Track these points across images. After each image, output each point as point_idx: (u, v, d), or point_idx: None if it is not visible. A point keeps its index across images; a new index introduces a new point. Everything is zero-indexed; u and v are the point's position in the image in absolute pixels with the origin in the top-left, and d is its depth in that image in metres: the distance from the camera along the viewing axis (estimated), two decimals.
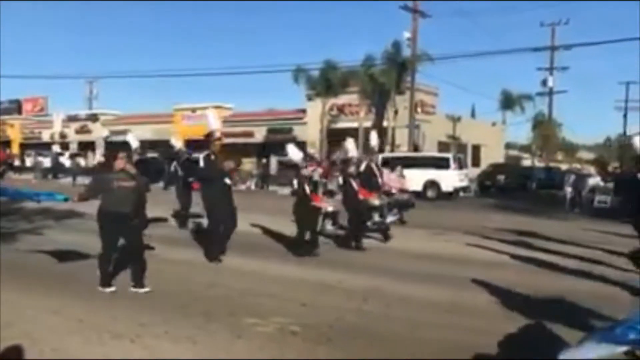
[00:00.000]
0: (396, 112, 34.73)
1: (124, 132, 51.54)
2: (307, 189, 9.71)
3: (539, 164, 41.06)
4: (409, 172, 23.15)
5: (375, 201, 11.07)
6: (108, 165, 10.51)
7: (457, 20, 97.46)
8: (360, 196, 10.49)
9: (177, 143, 14.56)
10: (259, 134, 42.67)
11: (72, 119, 54.79)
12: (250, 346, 5.02)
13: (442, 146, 36.39)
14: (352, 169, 10.76)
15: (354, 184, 10.48)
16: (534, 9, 59.48)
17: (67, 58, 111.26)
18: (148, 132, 50.25)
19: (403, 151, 31.19)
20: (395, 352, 4.95)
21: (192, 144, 44.78)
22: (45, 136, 55.37)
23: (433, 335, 5.43)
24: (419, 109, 34.42)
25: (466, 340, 5.26)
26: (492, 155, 40.67)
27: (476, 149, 41.56)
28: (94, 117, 54.37)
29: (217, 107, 47.17)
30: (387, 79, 33.20)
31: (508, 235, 12.40)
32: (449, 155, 26.59)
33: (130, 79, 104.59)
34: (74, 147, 51.69)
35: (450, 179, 24.33)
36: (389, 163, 19.18)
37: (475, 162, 38.59)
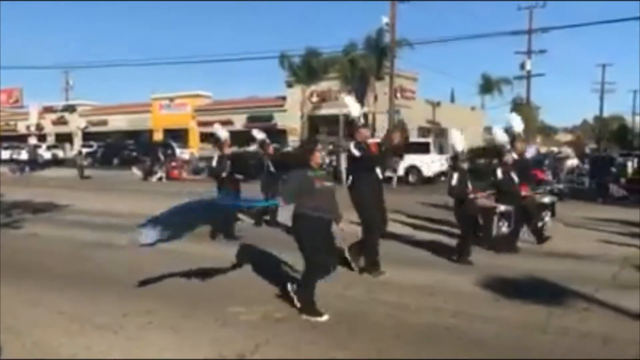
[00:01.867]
0: (376, 97, 34.76)
1: (102, 123, 51.09)
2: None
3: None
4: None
5: (546, 198, 9.88)
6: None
7: (435, 4, 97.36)
8: (523, 192, 9.03)
9: (260, 134, 12.52)
10: (239, 123, 42.45)
11: (48, 110, 53.97)
12: (234, 334, 5.01)
13: (423, 131, 36.54)
14: (509, 159, 8.92)
15: (515, 178, 8.89)
16: None
17: (42, 48, 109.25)
18: (124, 122, 49.76)
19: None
20: (379, 336, 4.98)
21: (170, 133, 44.71)
22: (21, 128, 54.50)
23: (416, 319, 5.46)
24: (398, 95, 34.47)
25: (449, 322, 5.31)
26: (472, 139, 40.91)
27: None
28: (71, 108, 53.60)
29: (196, 96, 46.98)
30: (368, 64, 33.19)
31: None
32: (429, 140, 26.69)
33: (106, 68, 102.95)
34: (51, 139, 50.96)
35: (431, 164, 24.45)
36: None
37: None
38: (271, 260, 7.75)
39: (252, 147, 13.01)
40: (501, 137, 9.35)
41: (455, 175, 8.12)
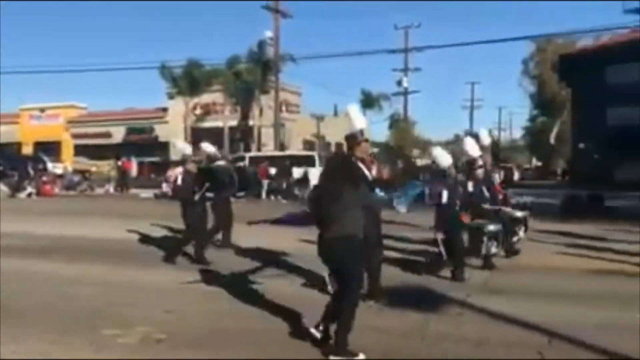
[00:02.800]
0: (261, 111, 34.82)
1: None
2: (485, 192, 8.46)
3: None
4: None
5: (518, 213, 9.53)
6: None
7: (319, 21, 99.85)
8: (497, 207, 8.90)
9: (210, 147, 11.18)
10: (118, 135, 40.60)
11: None
12: (113, 359, 4.71)
13: (308, 144, 37.09)
14: (480, 172, 8.68)
15: (486, 193, 8.75)
16: (390, 12, 62.51)
17: None
18: None
19: (270, 150, 31.34)
20: (266, 351, 4.91)
21: (41, 146, 41.82)
22: None
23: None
24: (283, 108, 34.77)
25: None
26: None
27: (339, 146, 42.77)
28: None
29: (69, 107, 44.38)
30: (252, 77, 33.19)
31: None
32: (314, 153, 27.18)
33: None
34: None
35: (316, 176, 24.87)
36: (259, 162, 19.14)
37: None
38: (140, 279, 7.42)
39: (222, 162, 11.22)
40: (472, 149, 8.95)
41: (445, 193, 7.87)
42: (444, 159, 8.06)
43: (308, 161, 25.19)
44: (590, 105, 26.30)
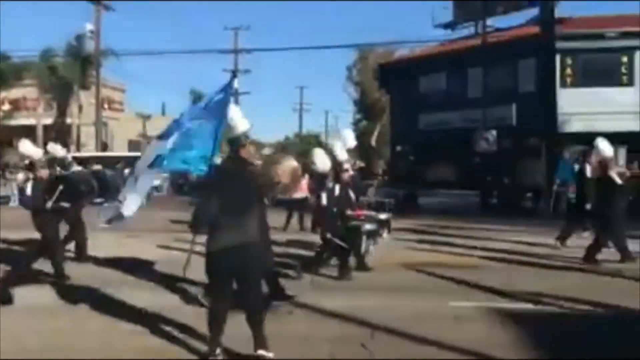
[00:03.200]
0: (81, 108, 32.45)
1: None
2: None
3: None
4: None
5: (382, 215, 9.30)
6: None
7: (147, 18, 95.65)
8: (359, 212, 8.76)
9: (61, 151, 9.62)
10: None
11: None
12: None
13: (134, 145, 35.34)
14: (346, 176, 8.34)
15: (353, 196, 8.53)
16: (218, 13, 61.96)
17: None
18: None
19: (90, 150, 29.29)
20: None
21: None
22: None
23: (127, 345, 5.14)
24: (106, 106, 32.74)
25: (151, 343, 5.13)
26: None
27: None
28: None
29: None
30: (70, 72, 30.78)
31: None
32: (140, 153, 25.93)
33: None
34: None
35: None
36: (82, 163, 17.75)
37: None
38: None
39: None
40: (340, 152, 8.69)
41: (324, 195, 7.85)
42: (324, 162, 8.13)
43: (133, 161, 24.00)
44: (406, 111, 28.46)
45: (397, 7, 79.68)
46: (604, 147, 9.47)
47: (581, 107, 21.37)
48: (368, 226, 8.54)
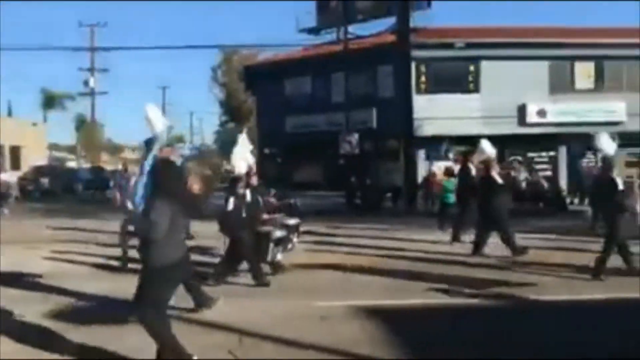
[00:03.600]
0: None
1: None
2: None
3: (85, 165, 40.61)
4: None
5: (290, 220, 8.94)
6: None
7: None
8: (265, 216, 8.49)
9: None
10: None
11: None
12: None
13: None
14: (254, 180, 8.31)
15: (260, 201, 8.33)
16: (73, 9, 58.29)
17: None
18: None
19: None
20: None
21: None
22: None
23: None
24: None
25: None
26: (34, 157, 38.09)
27: (15, 150, 38.19)
28: None
29: None
30: None
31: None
32: None
33: None
34: None
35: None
36: None
37: (15, 165, 35.48)
38: None
39: None
40: (239, 165, 8.52)
41: (232, 200, 7.51)
42: (243, 166, 8.00)
43: None
44: (273, 113, 28.66)
45: (262, 10, 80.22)
46: (487, 148, 10.06)
47: (434, 112, 22.90)
48: (278, 233, 8.38)
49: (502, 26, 26.55)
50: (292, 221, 9.02)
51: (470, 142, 23.09)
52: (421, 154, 23.63)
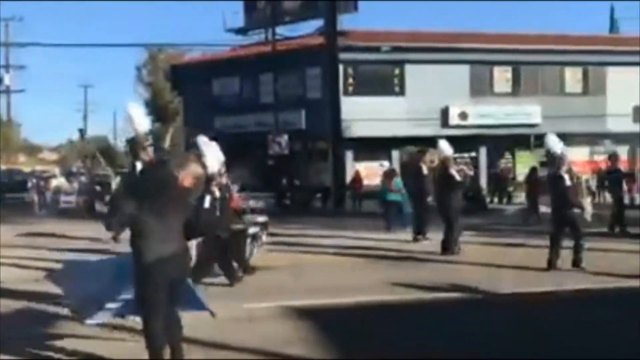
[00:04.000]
0: None
1: None
2: None
3: (2, 167, 38.49)
4: None
5: (259, 217, 9.16)
6: None
7: None
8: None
9: None
10: None
11: None
12: None
13: None
14: (223, 180, 8.01)
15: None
16: None
17: None
18: None
19: None
20: None
21: None
22: None
23: None
24: None
25: None
26: None
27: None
28: None
29: None
30: None
31: None
32: None
33: None
34: None
35: None
36: None
37: None
38: None
39: None
40: (212, 164, 7.79)
41: (208, 198, 7.26)
42: (215, 165, 7.69)
43: None
44: (200, 113, 28.19)
45: (188, 9, 78.66)
46: (445, 147, 10.44)
47: (361, 114, 23.28)
48: (252, 230, 8.51)
49: (427, 31, 27.42)
50: (261, 218, 9.18)
51: (396, 143, 23.91)
52: (349, 155, 24.01)
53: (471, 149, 25.85)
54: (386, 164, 25.18)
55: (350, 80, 24.77)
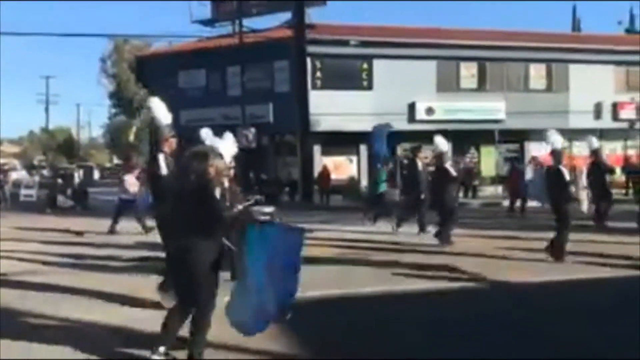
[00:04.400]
0: None
1: None
2: None
3: None
4: None
5: (266, 208, 8.55)
6: None
7: None
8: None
9: None
10: None
11: None
12: None
13: None
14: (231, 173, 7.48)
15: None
16: None
17: None
18: None
19: None
20: None
21: None
22: None
23: None
24: None
25: None
26: None
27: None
28: None
29: None
30: None
31: None
32: None
33: None
34: None
35: None
36: None
37: None
38: None
39: None
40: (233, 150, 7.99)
41: (218, 190, 6.85)
42: (227, 151, 7.55)
43: None
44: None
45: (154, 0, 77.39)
46: (441, 142, 10.64)
47: (329, 108, 23.24)
48: (262, 219, 8.36)
49: (395, 25, 27.53)
50: (268, 209, 9.12)
51: (364, 138, 23.96)
52: (317, 149, 23.97)
53: None
54: (354, 158, 25.33)
55: (318, 74, 24.70)
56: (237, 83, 24.32)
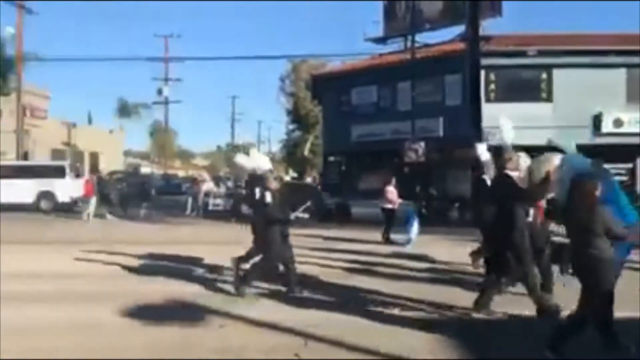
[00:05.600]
0: (0, 114, 30.91)
1: None
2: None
3: (157, 171, 42.18)
4: (19, 183, 20.94)
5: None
6: None
7: (71, 21, 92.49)
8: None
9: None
10: None
11: None
12: None
13: (57, 153, 34.00)
14: (273, 184, 8.29)
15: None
16: (148, 20, 60.77)
17: None
18: None
19: (10, 159, 27.91)
20: None
21: None
22: None
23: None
24: (27, 113, 31.35)
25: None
26: (111, 162, 39.98)
27: (94, 156, 40.22)
28: None
29: None
30: None
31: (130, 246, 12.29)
32: (65, 163, 25.00)
33: None
34: None
35: (66, 188, 22.83)
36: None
37: (94, 170, 37.37)
38: None
39: None
40: (262, 162, 8.87)
41: (268, 194, 7.99)
42: (267, 163, 8.62)
43: (56, 171, 23.07)
44: (338, 122, 28.83)
45: (329, 21, 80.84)
46: (483, 152, 9.58)
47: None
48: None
49: (576, 32, 25.68)
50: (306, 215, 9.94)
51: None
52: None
53: (626, 159, 23.72)
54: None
55: (492, 86, 23.88)
56: (407, 98, 24.42)
